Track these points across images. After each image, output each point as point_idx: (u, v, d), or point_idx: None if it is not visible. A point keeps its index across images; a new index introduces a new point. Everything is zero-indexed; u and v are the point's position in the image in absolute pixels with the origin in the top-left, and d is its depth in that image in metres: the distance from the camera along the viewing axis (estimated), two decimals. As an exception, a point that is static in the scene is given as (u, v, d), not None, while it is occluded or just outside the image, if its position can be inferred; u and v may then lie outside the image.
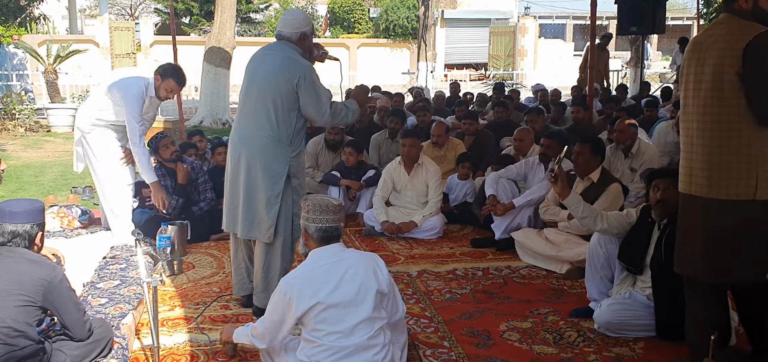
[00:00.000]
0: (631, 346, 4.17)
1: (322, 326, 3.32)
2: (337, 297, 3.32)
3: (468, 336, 4.32)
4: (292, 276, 3.48)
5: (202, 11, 28.95)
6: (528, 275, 5.53)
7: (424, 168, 6.75)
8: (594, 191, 5.32)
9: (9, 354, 3.23)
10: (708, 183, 3.39)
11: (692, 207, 3.48)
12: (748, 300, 3.54)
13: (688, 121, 3.51)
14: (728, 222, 3.36)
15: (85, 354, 3.53)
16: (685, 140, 3.55)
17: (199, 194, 6.58)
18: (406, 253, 6.10)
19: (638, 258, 4.39)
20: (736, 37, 3.31)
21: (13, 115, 13.73)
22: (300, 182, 4.55)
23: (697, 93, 3.44)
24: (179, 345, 4.19)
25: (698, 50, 3.47)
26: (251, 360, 3.94)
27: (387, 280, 3.48)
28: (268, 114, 4.38)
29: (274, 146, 4.40)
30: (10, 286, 3.29)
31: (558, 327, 4.48)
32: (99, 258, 5.51)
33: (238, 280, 4.78)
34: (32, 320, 3.33)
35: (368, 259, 3.52)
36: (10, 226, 3.43)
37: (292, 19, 4.62)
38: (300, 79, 4.36)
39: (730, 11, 3.42)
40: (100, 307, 4.43)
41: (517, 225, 6.09)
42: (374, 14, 29.21)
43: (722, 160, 3.36)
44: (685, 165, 3.54)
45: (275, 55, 4.50)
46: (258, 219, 4.45)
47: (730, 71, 3.30)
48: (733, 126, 3.35)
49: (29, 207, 3.54)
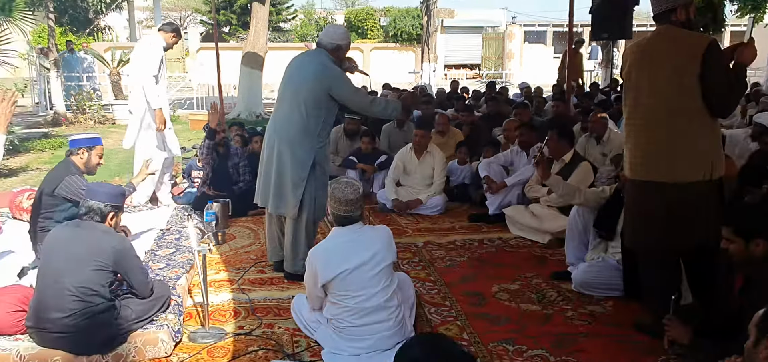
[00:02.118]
0: (602, 305, 4.18)
1: (345, 292, 3.35)
2: (354, 264, 3.33)
3: (466, 297, 4.33)
4: (316, 251, 3.51)
5: (239, 22, 28.94)
6: (516, 245, 5.52)
7: (431, 155, 6.73)
8: (567, 170, 5.33)
9: (86, 309, 3.28)
10: (671, 170, 3.39)
11: (649, 191, 3.48)
12: (695, 262, 3.56)
13: (639, 117, 3.50)
14: (690, 200, 3.38)
15: (147, 309, 3.56)
16: (638, 133, 3.53)
17: (239, 175, 6.60)
18: (414, 227, 6.10)
19: (611, 227, 4.40)
20: (688, 44, 3.35)
21: (84, 110, 13.80)
22: (323, 170, 4.53)
23: (653, 92, 3.43)
24: (224, 302, 4.24)
25: (648, 56, 3.47)
26: (283, 313, 3.98)
27: (395, 251, 3.51)
28: (300, 111, 4.38)
29: (302, 138, 4.40)
30: (87, 253, 3.34)
31: (541, 288, 4.49)
32: (157, 230, 5.56)
33: (271, 248, 4.80)
34: (105, 282, 3.37)
35: (382, 233, 3.52)
36: (89, 202, 3.49)
37: (333, 32, 4.60)
38: (332, 83, 4.37)
39: (669, 22, 3.46)
40: (159, 271, 4.49)
41: (508, 202, 6.09)
42: (384, 22, 29.15)
43: (684, 148, 3.37)
44: (638, 154, 3.52)
45: (311, 61, 4.49)
46: (285, 198, 4.47)
47: (690, 73, 3.30)
48: (692, 118, 3.36)
49: (110, 190, 3.61)
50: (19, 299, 3.52)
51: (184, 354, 3.51)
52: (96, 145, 4.72)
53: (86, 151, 4.64)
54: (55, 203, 4.43)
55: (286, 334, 3.74)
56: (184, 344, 3.62)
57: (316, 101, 4.38)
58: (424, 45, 20.73)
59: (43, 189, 4.51)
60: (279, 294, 4.37)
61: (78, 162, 4.61)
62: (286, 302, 4.13)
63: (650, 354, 3.47)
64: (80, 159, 4.62)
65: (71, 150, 4.65)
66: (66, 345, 3.32)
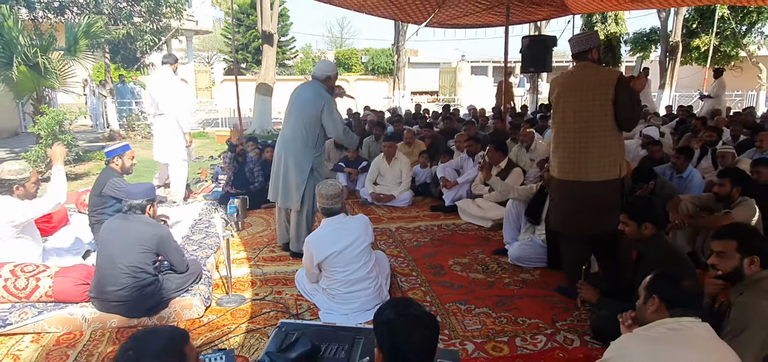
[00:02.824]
0: (531, 273, 4.21)
1: (335, 267, 3.34)
2: (341, 246, 3.32)
3: (428, 268, 4.33)
4: (310, 238, 3.49)
5: (253, 60, 28.65)
6: (466, 229, 5.53)
7: (399, 160, 6.71)
8: (504, 173, 5.38)
9: (135, 283, 3.22)
10: (597, 171, 3.42)
11: (577, 188, 3.48)
12: (603, 241, 3.58)
13: (568, 132, 3.51)
14: (604, 194, 3.42)
15: (184, 281, 3.51)
16: (565, 145, 3.54)
17: (254, 177, 6.53)
18: (388, 216, 6.07)
19: (538, 215, 4.43)
20: (603, 76, 3.39)
21: (133, 127, 13.54)
22: (320, 174, 4.48)
23: (577, 114, 3.45)
24: (243, 275, 4.18)
25: (572, 87, 3.49)
26: (290, 283, 3.95)
27: (372, 233, 3.50)
28: (301, 128, 4.35)
29: (303, 150, 4.37)
30: (134, 240, 3.28)
31: (485, 261, 4.50)
32: (191, 220, 5.46)
33: (280, 233, 4.76)
34: (149, 261, 3.31)
35: (360, 222, 3.50)
36: (130, 201, 3.42)
37: (323, 66, 4.54)
38: (323, 108, 4.33)
39: (586, 60, 3.50)
40: (193, 252, 4.41)
41: (460, 196, 6.10)
42: (365, 59, 29.07)
43: (602, 156, 3.41)
44: (567, 160, 3.53)
45: (308, 90, 4.44)
46: (290, 195, 4.44)
47: (606, 99, 3.35)
48: (607, 133, 3.41)
49: (143, 188, 3.52)
50: (84, 275, 3.45)
51: (213, 315, 3.46)
52: (126, 151, 4.58)
53: (119, 158, 4.53)
54: (103, 201, 4.34)
55: (292, 299, 3.71)
56: (213, 308, 3.57)
57: (312, 121, 4.34)
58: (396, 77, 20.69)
59: (93, 191, 4.43)
60: (286, 268, 4.33)
61: (115, 167, 4.50)
62: (291, 274, 4.09)
63: (567, 311, 3.50)
64: (116, 164, 4.50)
65: (108, 159, 4.54)
66: (121, 310, 3.26)
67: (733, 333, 2.21)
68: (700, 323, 2.00)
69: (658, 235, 2.99)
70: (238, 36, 28.07)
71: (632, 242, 3.06)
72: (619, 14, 18.19)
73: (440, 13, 10.36)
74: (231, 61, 28.29)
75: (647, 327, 2.08)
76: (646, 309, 2.12)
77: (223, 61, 31.83)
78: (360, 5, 9.82)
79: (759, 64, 16.41)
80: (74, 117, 8.62)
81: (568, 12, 10.83)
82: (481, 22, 11.44)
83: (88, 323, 3.27)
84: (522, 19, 11.56)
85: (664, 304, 2.07)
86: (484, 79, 29.75)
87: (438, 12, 10.27)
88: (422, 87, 28.69)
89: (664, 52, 16.79)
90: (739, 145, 6.60)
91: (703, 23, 16.49)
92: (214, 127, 15.57)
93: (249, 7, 28.04)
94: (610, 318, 2.64)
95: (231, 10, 13.05)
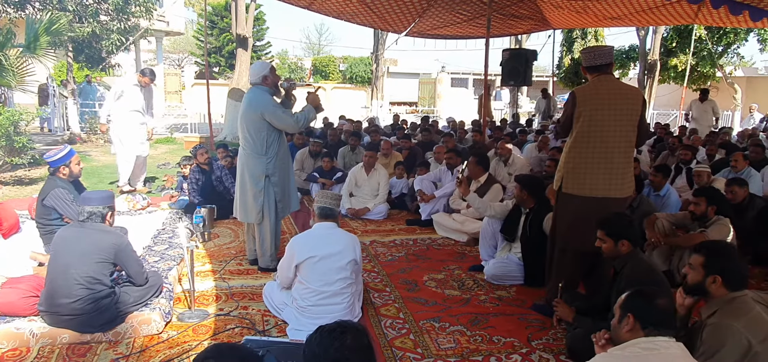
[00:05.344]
0: (508, 290, 4.22)
1: (312, 275, 3.30)
2: (324, 253, 3.31)
3: (403, 284, 4.31)
4: (297, 237, 3.49)
5: (226, 63, 28.33)
6: (442, 243, 5.53)
7: (377, 171, 6.70)
8: (483, 188, 5.37)
9: (90, 295, 3.12)
10: (620, 188, 3.41)
11: (602, 204, 3.36)
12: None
13: (596, 147, 3.37)
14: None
15: (142, 295, 3.42)
16: (592, 160, 3.38)
17: (223, 186, 6.42)
18: (362, 229, 6.05)
19: (513, 233, 4.45)
20: (633, 94, 3.42)
21: (95, 131, 13.22)
22: (277, 180, 4.36)
23: (607, 129, 3.35)
24: (208, 289, 4.10)
25: (603, 101, 3.37)
26: (256, 298, 3.87)
27: (360, 256, 3.50)
28: (248, 136, 4.32)
29: (253, 156, 4.33)
30: (91, 249, 3.18)
31: (461, 277, 4.50)
32: (154, 230, 5.34)
33: (248, 248, 4.69)
34: (106, 272, 3.22)
35: (351, 238, 3.50)
36: (88, 208, 3.32)
37: (256, 68, 4.41)
38: (263, 110, 4.25)
39: (608, 73, 3.47)
40: (154, 263, 4.30)
41: (437, 210, 6.10)
42: (343, 68, 29.07)
43: (627, 171, 3.44)
44: (591, 175, 3.39)
45: (248, 96, 4.37)
46: (248, 208, 4.40)
47: (635, 115, 3.39)
48: (631, 149, 3.45)
49: (102, 195, 3.42)
50: (33, 286, 3.33)
51: (174, 331, 3.37)
52: (71, 157, 4.42)
53: (66, 167, 4.37)
54: (48, 211, 4.23)
55: (259, 315, 3.64)
56: (173, 323, 3.47)
57: (256, 126, 4.28)
58: (374, 86, 20.77)
59: (38, 200, 4.32)
60: (253, 282, 4.25)
61: (63, 175, 4.35)
62: (258, 289, 4.02)
63: (543, 329, 3.52)
64: (63, 173, 4.35)
65: (53, 169, 4.34)
66: (73, 324, 3.15)
67: (706, 355, 2.24)
68: (675, 343, 2.03)
69: (635, 253, 3.04)
70: (212, 38, 27.77)
71: (608, 259, 3.09)
72: (598, 31, 18.66)
73: (421, 23, 10.46)
74: (203, 64, 27.96)
75: (622, 347, 2.09)
76: (621, 329, 2.14)
77: (195, 64, 31.44)
78: (339, 12, 9.84)
79: (734, 85, 16.98)
80: (31, 118, 8.39)
81: (549, 26, 11.05)
82: (461, 34, 11.58)
83: (36, 338, 3.14)
84: (503, 31, 11.76)
85: (639, 323, 2.09)
86: (464, 91, 30.07)
87: (418, 21, 10.36)
88: (401, 97, 28.85)
89: (642, 70, 17.25)
90: (714, 164, 6.78)
91: (681, 43, 17.01)
92: (182, 133, 15.34)
93: (223, 10, 27.80)
94: (585, 337, 2.66)
95: (204, 11, 12.89)
